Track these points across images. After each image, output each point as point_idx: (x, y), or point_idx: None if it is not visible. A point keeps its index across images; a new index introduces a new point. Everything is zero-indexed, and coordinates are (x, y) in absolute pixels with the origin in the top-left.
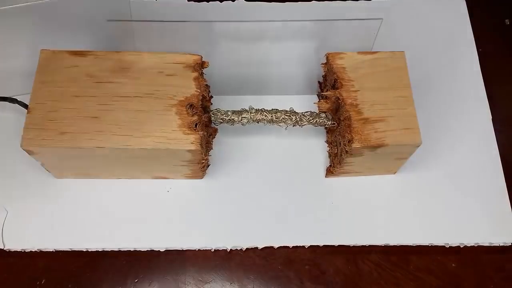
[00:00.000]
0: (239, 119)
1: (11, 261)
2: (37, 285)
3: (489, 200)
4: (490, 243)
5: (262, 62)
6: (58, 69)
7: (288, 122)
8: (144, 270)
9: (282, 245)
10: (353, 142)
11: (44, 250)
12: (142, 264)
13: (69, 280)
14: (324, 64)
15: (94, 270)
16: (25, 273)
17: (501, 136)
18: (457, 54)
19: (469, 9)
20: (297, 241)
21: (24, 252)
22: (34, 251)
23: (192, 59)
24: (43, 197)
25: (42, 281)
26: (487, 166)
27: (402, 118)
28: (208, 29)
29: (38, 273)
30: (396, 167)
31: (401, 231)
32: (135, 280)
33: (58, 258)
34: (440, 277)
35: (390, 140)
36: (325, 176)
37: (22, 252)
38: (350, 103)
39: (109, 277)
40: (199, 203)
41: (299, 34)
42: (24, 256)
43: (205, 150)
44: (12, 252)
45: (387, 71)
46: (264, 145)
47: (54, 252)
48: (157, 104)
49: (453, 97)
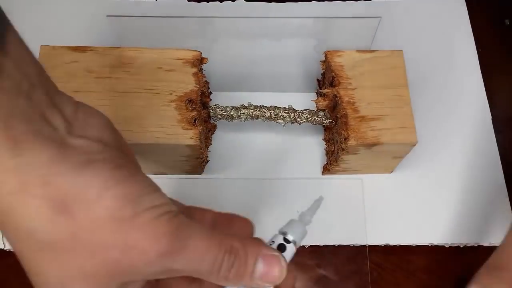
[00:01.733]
0: (238, 115)
1: (11, 261)
2: None
3: (489, 200)
4: (490, 243)
5: (261, 59)
6: (58, 64)
7: (286, 119)
8: None
9: None
10: (349, 139)
11: None
12: None
13: None
14: (322, 62)
15: None
16: (25, 273)
17: (501, 136)
18: (457, 54)
19: (469, 9)
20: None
21: None
22: None
23: (191, 55)
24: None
25: None
26: (487, 166)
27: (398, 117)
28: (208, 25)
29: None
30: (393, 166)
31: (401, 231)
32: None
33: None
34: (440, 277)
35: (386, 139)
36: (321, 174)
37: None
38: (347, 101)
39: None
40: (198, 199)
41: (298, 32)
42: None
43: (204, 145)
44: (12, 252)
45: (385, 69)
46: (262, 141)
47: None
48: (157, 100)
49: (453, 97)
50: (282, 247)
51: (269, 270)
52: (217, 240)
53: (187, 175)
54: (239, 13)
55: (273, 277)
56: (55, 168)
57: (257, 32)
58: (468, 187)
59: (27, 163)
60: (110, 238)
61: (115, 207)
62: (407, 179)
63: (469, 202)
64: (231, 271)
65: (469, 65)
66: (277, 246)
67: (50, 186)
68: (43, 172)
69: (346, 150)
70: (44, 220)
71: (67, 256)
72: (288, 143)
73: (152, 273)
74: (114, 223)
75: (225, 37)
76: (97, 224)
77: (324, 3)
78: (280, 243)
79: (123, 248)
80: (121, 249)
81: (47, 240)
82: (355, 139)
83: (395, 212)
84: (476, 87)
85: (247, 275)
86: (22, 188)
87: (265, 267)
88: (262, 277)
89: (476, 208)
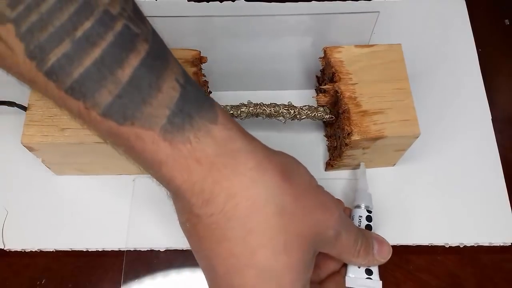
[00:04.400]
0: (238, 113)
1: (11, 261)
2: (37, 285)
3: (489, 200)
4: (490, 243)
5: (259, 57)
6: None
7: (286, 116)
8: (144, 270)
9: None
10: (353, 134)
11: (44, 250)
12: (142, 263)
13: (69, 280)
14: (321, 58)
15: (94, 270)
16: (25, 273)
17: (501, 136)
18: (457, 54)
19: (469, 9)
20: None
21: (24, 252)
22: (34, 251)
23: (190, 54)
24: (44, 196)
25: (42, 281)
26: (487, 166)
27: (400, 109)
28: (206, 24)
29: (38, 273)
30: (395, 159)
31: (401, 231)
32: (135, 280)
33: (58, 258)
34: (440, 277)
35: (389, 132)
36: (324, 170)
37: (22, 252)
38: (348, 96)
39: (109, 277)
40: None
41: (296, 29)
42: (24, 256)
43: None
44: (12, 252)
45: (384, 63)
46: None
47: (54, 252)
48: None
49: (453, 98)
50: (369, 224)
51: (381, 248)
52: (354, 223)
53: None
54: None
55: (386, 253)
56: (268, 149)
57: (255, 31)
58: (468, 187)
59: (256, 146)
60: (314, 200)
61: (308, 177)
62: (409, 172)
63: (469, 202)
64: (362, 249)
65: (469, 65)
66: (366, 217)
67: (273, 161)
68: (266, 152)
69: (350, 145)
70: (277, 187)
71: (290, 219)
72: (289, 140)
73: (332, 237)
74: (313, 189)
75: (224, 36)
76: (306, 189)
77: (324, 3)
78: (367, 217)
79: (323, 209)
80: (322, 210)
81: (281, 204)
82: (358, 133)
83: (396, 209)
84: (476, 87)
85: (371, 252)
86: (258, 164)
87: (378, 246)
88: (378, 253)
89: (476, 208)
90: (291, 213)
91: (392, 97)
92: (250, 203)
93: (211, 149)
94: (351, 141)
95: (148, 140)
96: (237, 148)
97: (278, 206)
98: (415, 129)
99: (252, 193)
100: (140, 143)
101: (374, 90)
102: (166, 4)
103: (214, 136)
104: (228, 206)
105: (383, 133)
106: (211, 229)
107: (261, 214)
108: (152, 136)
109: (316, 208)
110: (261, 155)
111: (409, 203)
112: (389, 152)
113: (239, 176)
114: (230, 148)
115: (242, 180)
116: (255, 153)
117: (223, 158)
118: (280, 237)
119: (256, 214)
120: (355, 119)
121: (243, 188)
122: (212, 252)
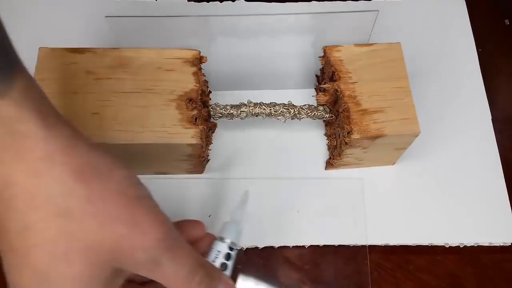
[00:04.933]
0: (238, 113)
1: None
2: None
3: (489, 200)
4: (490, 243)
5: (259, 56)
6: (57, 66)
7: (286, 115)
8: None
9: (282, 245)
10: (353, 133)
11: None
12: None
13: None
14: (321, 57)
15: None
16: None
17: (501, 136)
18: (457, 54)
19: (469, 9)
20: (297, 241)
21: None
22: None
23: (190, 54)
24: None
25: None
26: (487, 166)
27: (400, 108)
28: (206, 24)
29: None
30: (395, 158)
31: (401, 231)
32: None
33: None
34: (440, 277)
35: (389, 130)
36: (325, 169)
37: None
38: (348, 95)
39: None
40: (199, 198)
41: (296, 28)
42: None
43: (205, 144)
44: None
45: (384, 62)
46: (263, 139)
47: None
48: (157, 99)
49: (453, 98)
50: (225, 263)
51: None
52: (195, 254)
53: (188, 174)
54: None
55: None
56: (75, 141)
57: (255, 30)
58: (468, 187)
59: (54, 135)
60: (119, 211)
61: (124, 184)
62: (408, 170)
63: (469, 202)
64: (200, 285)
65: (469, 64)
66: (224, 255)
67: (71, 156)
68: (67, 144)
69: (350, 143)
70: (65, 185)
71: (78, 225)
72: (289, 139)
73: (143, 261)
74: (124, 198)
75: (224, 36)
76: (109, 196)
77: (323, 2)
78: (226, 254)
79: (129, 224)
80: (128, 224)
81: (64, 206)
82: (358, 132)
83: (395, 209)
84: (476, 86)
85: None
86: (49, 155)
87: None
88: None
89: (476, 208)
90: (79, 219)
91: (392, 96)
92: (29, 197)
93: None
94: (351, 140)
95: None
96: (26, 131)
97: (61, 207)
98: (415, 127)
99: (33, 187)
100: None
101: (373, 89)
102: (166, 4)
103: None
104: (6, 195)
105: (383, 132)
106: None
107: (40, 212)
108: None
109: (120, 221)
110: (57, 146)
111: (408, 202)
112: (388, 151)
113: (21, 163)
114: (15, 129)
115: (24, 170)
116: (48, 142)
117: (4, 139)
118: (61, 243)
119: (35, 211)
120: (355, 118)
121: (24, 178)
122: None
